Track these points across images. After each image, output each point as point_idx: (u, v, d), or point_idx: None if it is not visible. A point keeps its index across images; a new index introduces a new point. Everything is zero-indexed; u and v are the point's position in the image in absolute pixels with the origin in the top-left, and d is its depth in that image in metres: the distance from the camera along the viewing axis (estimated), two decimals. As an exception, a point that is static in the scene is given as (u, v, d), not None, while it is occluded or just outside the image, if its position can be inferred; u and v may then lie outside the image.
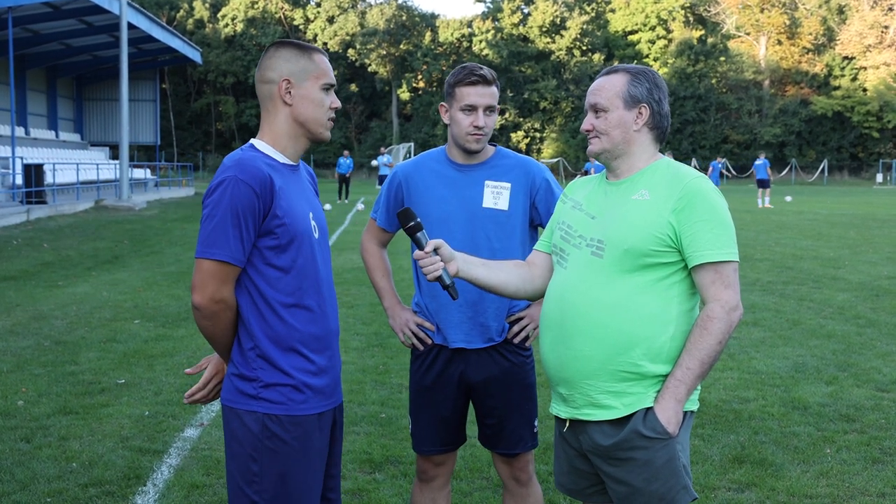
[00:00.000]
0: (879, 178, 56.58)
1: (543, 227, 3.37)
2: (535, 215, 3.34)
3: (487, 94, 3.18)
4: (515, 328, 3.32)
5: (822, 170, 58.85)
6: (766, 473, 4.73)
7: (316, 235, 2.61)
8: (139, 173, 35.46)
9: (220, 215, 2.41)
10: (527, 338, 3.34)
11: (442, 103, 3.30)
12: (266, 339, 2.50)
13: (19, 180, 23.09)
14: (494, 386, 3.31)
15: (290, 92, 2.55)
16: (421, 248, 2.71)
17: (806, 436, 5.35)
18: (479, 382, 3.31)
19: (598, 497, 2.75)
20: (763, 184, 30.77)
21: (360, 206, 27.40)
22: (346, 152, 34.61)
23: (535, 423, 3.41)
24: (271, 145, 2.58)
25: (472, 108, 3.17)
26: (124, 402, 6.00)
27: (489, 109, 3.20)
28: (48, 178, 24.28)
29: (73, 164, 28.28)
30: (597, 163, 28.37)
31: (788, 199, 34.49)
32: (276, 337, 2.51)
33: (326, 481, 2.69)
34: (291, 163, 2.62)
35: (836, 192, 44.61)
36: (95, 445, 5.10)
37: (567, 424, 2.68)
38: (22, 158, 24.28)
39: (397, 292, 3.52)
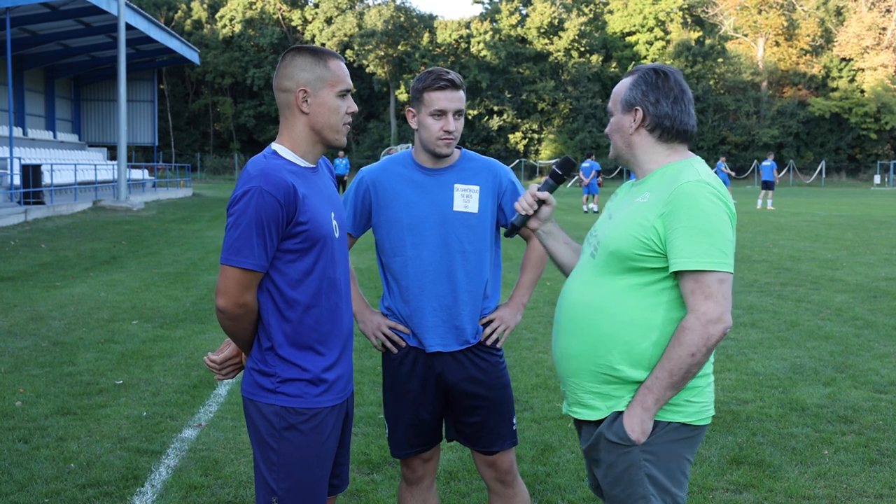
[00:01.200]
0: (877, 179, 56.68)
1: (507, 228, 3.37)
2: (500, 217, 3.36)
3: (456, 99, 3.18)
4: (487, 330, 3.33)
5: (820, 171, 58.94)
6: (764, 474, 4.73)
7: (337, 235, 2.68)
8: (137, 174, 35.41)
9: (245, 224, 2.49)
10: (498, 339, 3.36)
11: (409, 108, 3.28)
12: (284, 340, 2.61)
13: (17, 181, 23.06)
14: (473, 386, 3.32)
15: (306, 101, 2.61)
16: (543, 189, 2.78)
17: (804, 437, 5.36)
18: (457, 383, 3.32)
19: None
20: (767, 185, 30.53)
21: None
22: (340, 153, 34.62)
23: (514, 421, 3.42)
24: (291, 150, 2.65)
25: (441, 113, 3.16)
26: (122, 402, 6.00)
27: (458, 113, 3.19)
28: (46, 179, 24.28)
29: (70, 164, 28.27)
30: (587, 164, 28.17)
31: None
32: (294, 337, 2.61)
33: (334, 467, 2.81)
34: (311, 165, 2.69)
35: (834, 194, 44.67)
36: (93, 446, 5.10)
37: (573, 421, 2.71)
38: (20, 159, 24.25)
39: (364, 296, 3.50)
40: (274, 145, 2.67)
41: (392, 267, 3.31)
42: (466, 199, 3.26)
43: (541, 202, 2.77)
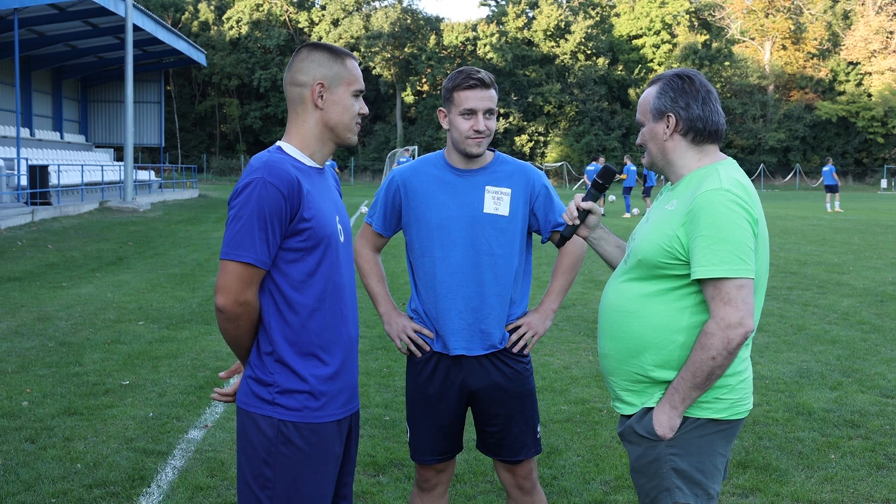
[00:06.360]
0: (884, 183, 56.53)
1: (540, 234, 3.35)
2: (532, 221, 3.30)
3: (486, 98, 3.15)
4: (514, 336, 3.28)
5: (827, 175, 58.81)
6: (771, 479, 4.72)
7: (341, 239, 2.60)
8: (143, 175, 35.47)
9: (247, 217, 2.38)
10: (525, 345, 3.30)
11: (440, 108, 3.26)
12: (285, 344, 2.47)
13: (24, 181, 23.15)
14: (497, 393, 3.27)
15: (322, 96, 2.54)
16: (586, 199, 2.83)
17: (810, 441, 5.35)
18: (481, 390, 3.26)
19: None
20: (831, 189, 32.13)
21: (363, 209, 27.46)
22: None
23: (538, 429, 3.38)
24: (299, 148, 2.57)
25: (471, 112, 3.13)
26: (129, 403, 6.01)
27: (489, 113, 3.16)
28: (53, 180, 24.32)
29: (77, 165, 28.32)
30: (592, 168, 28.41)
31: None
32: (296, 341, 2.48)
33: (339, 488, 2.68)
34: (318, 166, 2.61)
35: (841, 198, 44.50)
36: (100, 446, 5.12)
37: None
38: (27, 159, 24.34)
39: (392, 298, 3.47)
40: (280, 143, 2.58)
41: (420, 268, 3.27)
42: (497, 201, 3.20)
43: (586, 212, 2.83)
